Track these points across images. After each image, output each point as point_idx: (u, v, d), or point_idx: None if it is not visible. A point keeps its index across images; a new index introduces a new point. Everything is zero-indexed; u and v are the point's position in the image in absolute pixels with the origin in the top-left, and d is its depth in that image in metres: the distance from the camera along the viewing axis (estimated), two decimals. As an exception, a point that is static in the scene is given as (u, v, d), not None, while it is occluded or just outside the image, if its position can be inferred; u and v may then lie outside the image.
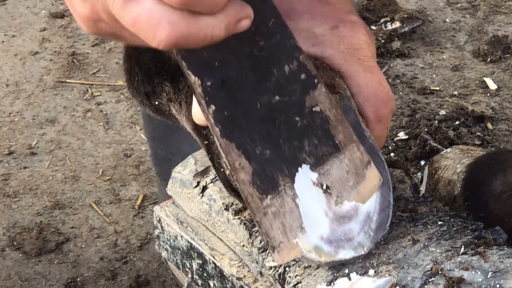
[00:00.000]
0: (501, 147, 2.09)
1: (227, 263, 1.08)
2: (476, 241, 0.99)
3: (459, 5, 2.71)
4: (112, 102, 2.39)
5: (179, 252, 1.16)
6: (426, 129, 2.10)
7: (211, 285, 1.11)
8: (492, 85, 2.35)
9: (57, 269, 1.89)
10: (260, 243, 1.02)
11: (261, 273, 1.04)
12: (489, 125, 2.17)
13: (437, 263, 0.95)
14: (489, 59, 2.44)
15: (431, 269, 0.94)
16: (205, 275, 1.12)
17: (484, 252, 0.96)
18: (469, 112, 2.20)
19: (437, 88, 2.34)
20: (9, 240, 1.94)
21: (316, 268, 0.97)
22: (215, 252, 1.10)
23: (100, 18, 0.84)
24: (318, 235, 0.93)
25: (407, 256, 0.96)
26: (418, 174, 1.91)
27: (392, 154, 2.05)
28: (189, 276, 1.16)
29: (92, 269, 1.89)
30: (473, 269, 0.93)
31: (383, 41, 2.48)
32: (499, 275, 0.92)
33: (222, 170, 0.97)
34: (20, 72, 2.50)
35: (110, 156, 2.20)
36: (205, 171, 1.14)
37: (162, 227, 1.18)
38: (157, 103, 1.05)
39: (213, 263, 1.09)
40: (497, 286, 0.91)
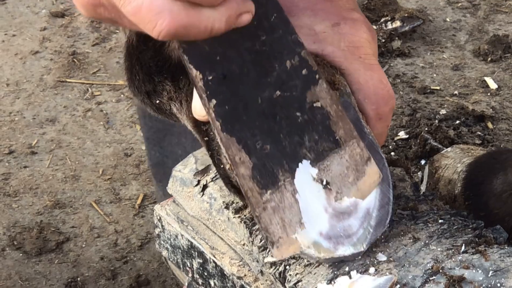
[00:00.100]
0: (501, 146, 2.09)
1: (227, 262, 1.08)
2: (477, 239, 0.99)
3: (459, 4, 2.71)
4: (113, 101, 2.38)
5: (180, 251, 1.16)
6: (426, 129, 2.10)
7: (212, 284, 1.11)
8: (493, 85, 2.34)
9: (58, 269, 1.89)
10: (261, 241, 1.02)
11: (261, 272, 1.03)
12: (490, 125, 2.17)
13: (438, 262, 0.95)
14: (489, 59, 2.44)
15: (432, 267, 0.94)
16: (205, 274, 1.12)
17: (485, 250, 0.96)
18: (470, 112, 2.20)
19: (438, 88, 2.34)
20: (10, 240, 1.94)
21: (316, 266, 0.97)
22: (216, 251, 1.10)
23: (100, 3, 0.83)
24: (317, 230, 0.93)
25: (407, 254, 0.96)
26: (419, 173, 1.91)
27: (393, 153, 2.05)
28: (190, 275, 1.16)
29: (92, 268, 1.89)
30: (473, 267, 0.93)
31: (383, 40, 2.47)
32: (499, 273, 0.92)
33: (222, 167, 0.97)
34: (21, 72, 2.50)
35: (110, 155, 2.20)
36: (206, 170, 1.14)
37: (162, 226, 1.18)
38: (158, 101, 1.05)
39: (214, 262, 1.09)
40: (498, 284, 0.91)
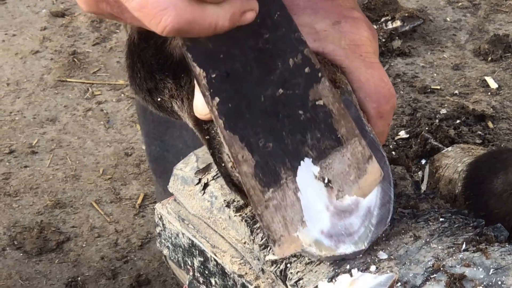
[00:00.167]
0: (502, 146, 2.09)
1: (228, 261, 1.08)
2: (478, 238, 0.99)
3: (459, 4, 2.71)
4: (113, 101, 2.38)
5: (181, 250, 1.16)
6: (427, 128, 2.10)
7: (213, 282, 1.11)
8: (493, 84, 2.34)
9: (58, 269, 1.89)
10: (262, 240, 1.02)
11: (262, 270, 1.04)
12: (490, 124, 2.17)
13: (438, 260, 0.95)
14: (489, 58, 2.44)
15: (433, 265, 0.94)
16: (206, 272, 1.12)
17: (486, 249, 0.96)
18: (470, 111, 2.20)
19: (438, 87, 2.34)
20: (10, 240, 1.94)
21: (317, 265, 0.97)
22: (217, 249, 1.10)
23: None
24: (318, 229, 0.93)
25: (408, 253, 0.96)
26: (419, 173, 1.91)
27: (393, 152, 2.05)
28: (191, 273, 1.16)
29: (92, 268, 1.89)
30: (474, 265, 0.93)
31: (383, 40, 2.47)
32: (500, 271, 0.92)
33: (223, 165, 0.97)
34: (21, 71, 2.50)
35: (110, 155, 2.19)
36: (207, 168, 1.14)
37: (163, 224, 1.18)
38: (159, 99, 1.05)
39: (215, 260, 1.09)
40: (499, 282, 0.91)
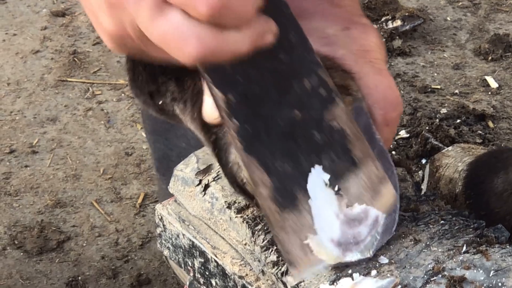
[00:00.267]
0: (502, 145, 2.09)
1: (229, 262, 1.08)
2: (478, 239, 0.99)
3: (460, 3, 2.71)
4: (113, 100, 2.38)
5: (181, 251, 1.16)
6: (427, 128, 2.10)
7: (213, 283, 1.11)
8: (493, 84, 2.34)
9: (58, 268, 1.89)
10: (263, 241, 1.02)
11: (263, 271, 1.04)
12: (490, 124, 2.17)
13: (438, 262, 0.95)
14: (490, 58, 2.44)
15: (433, 268, 0.94)
16: (207, 273, 1.12)
17: (486, 250, 0.96)
18: (470, 111, 2.20)
19: (438, 87, 2.34)
20: (10, 239, 1.94)
21: (318, 267, 0.97)
22: (217, 250, 1.10)
23: (127, 33, 0.83)
24: (329, 237, 0.93)
25: (409, 256, 0.96)
26: (419, 172, 1.91)
27: (394, 152, 2.05)
28: (191, 274, 1.16)
29: (93, 267, 1.89)
30: (475, 267, 0.93)
31: (384, 39, 2.47)
32: (501, 273, 0.92)
33: (229, 166, 0.96)
34: (21, 71, 2.50)
35: (111, 154, 2.20)
36: (207, 169, 1.14)
37: (164, 225, 1.18)
38: (161, 102, 1.04)
39: (215, 261, 1.09)
40: (499, 284, 0.91)
